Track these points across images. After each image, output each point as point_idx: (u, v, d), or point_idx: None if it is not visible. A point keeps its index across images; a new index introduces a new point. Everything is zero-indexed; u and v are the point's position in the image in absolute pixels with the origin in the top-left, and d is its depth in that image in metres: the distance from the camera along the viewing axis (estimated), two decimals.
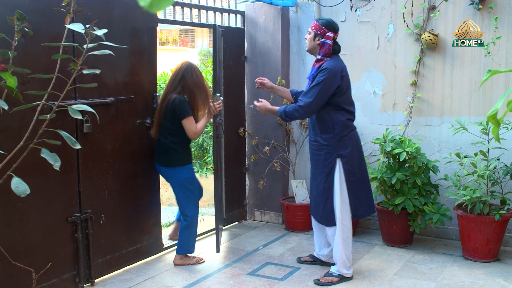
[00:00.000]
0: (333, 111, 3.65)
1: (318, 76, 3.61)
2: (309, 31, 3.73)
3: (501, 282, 3.74)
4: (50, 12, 3.17)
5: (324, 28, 3.65)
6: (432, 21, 4.59)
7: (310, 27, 3.73)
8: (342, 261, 3.73)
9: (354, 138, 3.72)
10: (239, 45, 5.13)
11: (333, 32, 3.67)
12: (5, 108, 2.38)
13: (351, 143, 3.68)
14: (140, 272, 3.94)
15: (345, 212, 3.70)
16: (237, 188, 5.24)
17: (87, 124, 3.56)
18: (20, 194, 2.31)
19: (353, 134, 3.74)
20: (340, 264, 3.74)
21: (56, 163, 2.40)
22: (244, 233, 4.94)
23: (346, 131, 3.67)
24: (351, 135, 3.70)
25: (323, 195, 3.72)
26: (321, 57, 3.67)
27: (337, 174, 3.66)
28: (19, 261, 2.98)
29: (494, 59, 4.33)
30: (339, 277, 3.74)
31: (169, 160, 3.94)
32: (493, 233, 4.06)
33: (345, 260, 3.73)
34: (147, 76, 4.06)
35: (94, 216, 3.68)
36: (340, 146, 3.66)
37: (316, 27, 3.67)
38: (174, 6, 4.48)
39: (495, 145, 4.16)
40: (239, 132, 5.17)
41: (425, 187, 4.41)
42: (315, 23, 3.71)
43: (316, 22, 3.71)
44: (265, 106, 3.84)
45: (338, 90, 3.61)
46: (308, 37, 3.74)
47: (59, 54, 2.58)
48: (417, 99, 4.72)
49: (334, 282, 3.71)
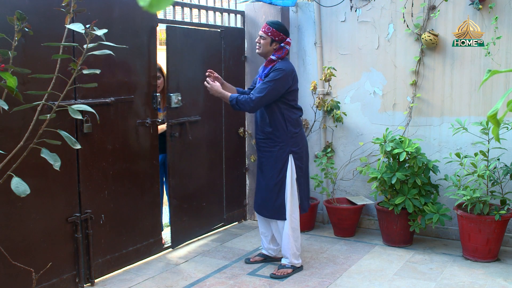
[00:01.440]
0: (285, 109, 3.83)
1: (271, 75, 3.77)
2: (264, 36, 3.81)
3: (501, 282, 3.74)
4: (50, 12, 3.17)
5: (282, 35, 3.82)
6: (432, 21, 4.59)
7: (265, 32, 3.80)
8: (293, 252, 3.91)
9: (303, 136, 3.98)
10: (239, 45, 5.13)
11: (288, 37, 3.87)
12: (5, 108, 2.38)
13: (301, 140, 3.91)
14: (140, 272, 3.94)
15: (295, 206, 3.90)
16: (237, 188, 5.24)
17: (87, 124, 3.56)
18: (20, 194, 2.31)
19: (303, 131, 3.99)
20: (291, 255, 3.91)
21: (56, 163, 2.40)
22: (244, 233, 4.94)
23: (297, 128, 3.88)
24: (301, 133, 3.94)
25: (274, 189, 3.87)
26: (275, 58, 3.82)
27: (289, 169, 3.84)
28: (19, 261, 2.98)
29: (494, 59, 4.33)
30: (292, 268, 3.93)
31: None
32: (493, 233, 4.06)
33: (295, 252, 3.92)
34: (147, 76, 4.06)
35: (94, 216, 3.68)
36: (292, 143, 3.85)
37: (274, 33, 3.80)
38: (174, 6, 4.48)
39: (495, 145, 4.16)
40: (239, 132, 5.17)
41: (425, 187, 4.41)
42: (271, 29, 3.80)
43: (272, 27, 3.80)
44: (217, 88, 3.86)
45: (289, 89, 3.80)
46: (262, 42, 3.82)
47: (59, 54, 2.57)
48: (417, 99, 4.72)
49: (289, 274, 3.89)
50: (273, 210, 3.90)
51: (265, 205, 3.93)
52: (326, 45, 5.08)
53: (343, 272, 3.95)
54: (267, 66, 3.85)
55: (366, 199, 4.93)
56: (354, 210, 4.80)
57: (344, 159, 5.08)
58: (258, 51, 3.88)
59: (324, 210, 5.18)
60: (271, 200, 3.89)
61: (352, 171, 5.05)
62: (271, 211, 3.92)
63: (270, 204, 3.90)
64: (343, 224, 4.80)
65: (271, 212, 3.92)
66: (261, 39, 3.83)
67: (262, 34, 3.82)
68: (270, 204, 3.90)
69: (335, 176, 5.00)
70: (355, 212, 4.81)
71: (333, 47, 5.05)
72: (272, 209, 3.90)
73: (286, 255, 3.93)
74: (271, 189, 3.88)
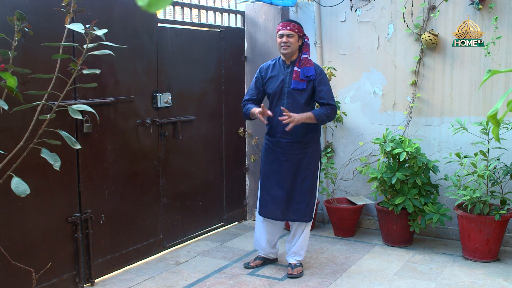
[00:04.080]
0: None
1: (325, 79, 3.79)
2: (292, 34, 3.68)
3: (501, 282, 3.74)
4: (50, 12, 3.17)
5: (303, 30, 3.79)
6: (432, 21, 4.59)
7: (291, 30, 3.68)
8: (304, 251, 3.97)
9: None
10: (239, 45, 5.13)
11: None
12: (5, 108, 2.38)
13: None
14: (140, 272, 3.94)
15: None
16: (237, 188, 5.24)
17: (87, 124, 3.56)
18: (20, 194, 2.31)
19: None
20: (303, 255, 3.96)
21: (56, 163, 2.40)
22: (244, 233, 4.94)
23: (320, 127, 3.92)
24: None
25: (307, 192, 3.81)
26: (308, 56, 3.76)
27: (318, 170, 3.92)
28: (19, 261, 2.98)
29: (494, 59, 4.33)
30: (301, 265, 3.97)
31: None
32: (493, 233, 4.06)
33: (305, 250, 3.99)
34: (147, 76, 4.06)
35: (94, 216, 3.68)
36: (319, 142, 3.93)
37: (299, 29, 3.75)
38: (174, 6, 4.48)
39: (495, 145, 4.16)
40: (239, 132, 5.17)
41: (425, 187, 4.41)
42: (296, 25, 3.73)
43: (295, 23, 3.74)
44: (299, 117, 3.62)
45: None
46: (291, 40, 3.68)
47: (59, 54, 2.58)
48: (417, 99, 4.72)
49: (302, 271, 3.91)
50: (305, 212, 3.78)
51: (295, 209, 3.78)
52: (326, 45, 5.08)
53: (343, 272, 3.95)
54: (306, 65, 3.70)
55: (366, 199, 4.93)
56: (354, 210, 4.80)
57: (344, 159, 5.08)
58: (285, 51, 3.70)
59: (324, 210, 5.18)
60: (303, 203, 3.77)
61: (352, 171, 5.05)
62: (302, 214, 3.79)
63: (302, 207, 3.77)
64: (343, 224, 4.80)
65: (301, 215, 3.79)
66: (289, 37, 3.67)
67: (290, 33, 3.67)
68: (303, 207, 3.77)
69: (335, 176, 5.00)
70: (355, 212, 4.81)
71: (333, 47, 5.05)
72: (304, 211, 3.78)
73: (300, 253, 3.91)
74: (305, 192, 3.77)
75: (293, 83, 3.71)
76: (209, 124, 4.78)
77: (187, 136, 4.50)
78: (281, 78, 3.78)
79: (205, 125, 4.73)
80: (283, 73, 3.78)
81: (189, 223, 4.62)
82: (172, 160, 4.35)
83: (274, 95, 3.79)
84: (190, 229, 4.65)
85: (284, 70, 3.79)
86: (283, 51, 3.72)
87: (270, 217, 3.88)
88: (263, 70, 3.90)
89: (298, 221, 3.84)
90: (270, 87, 3.82)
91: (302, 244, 3.91)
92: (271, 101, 3.84)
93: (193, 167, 4.61)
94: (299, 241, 3.89)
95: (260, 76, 3.89)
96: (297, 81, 3.70)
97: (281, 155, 3.80)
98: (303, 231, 3.88)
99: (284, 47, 3.70)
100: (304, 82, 3.71)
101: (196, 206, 4.69)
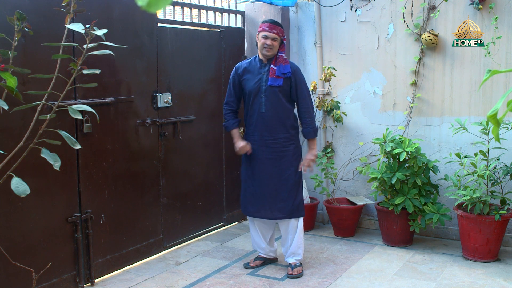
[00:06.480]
0: (292, 106, 3.91)
1: (302, 77, 3.84)
2: (276, 38, 3.72)
3: (501, 282, 3.74)
4: (50, 12, 3.17)
5: (283, 30, 3.79)
6: (432, 21, 4.59)
7: (277, 34, 3.71)
8: (303, 249, 3.94)
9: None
10: (239, 45, 5.13)
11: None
12: (5, 108, 2.38)
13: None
14: (140, 272, 3.94)
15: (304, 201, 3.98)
16: (237, 188, 5.22)
17: (87, 124, 3.56)
18: (20, 194, 2.31)
19: None
20: (302, 253, 3.94)
21: (56, 163, 2.40)
22: (244, 233, 4.94)
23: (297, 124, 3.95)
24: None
25: (294, 188, 3.82)
26: (284, 55, 3.79)
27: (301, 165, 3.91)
28: (19, 261, 2.98)
29: (494, 59, 4.33)
30: (301, 265, 3.95)
31: None
32: (493, 233, 4.06)
33: (303, 248, 3.96)
34: (147, 76, 4.06)
35: (94, 216, 3.68)
36: (298, 139, 3.93)
37: (282, 32, 3.77)
38: (174, 6, 4.48)
39: (495, 145, 4.16)
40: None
41: (425, 187, 4.41)
42: (280, 28, 3.75)
43: (278, 26, 3.75)
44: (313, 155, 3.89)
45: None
46: (275, 43, 3.73)
47: (59, 54, 2.58)
48: (417, 99, 4.72)
49: (302, 271, 3.91)
50: (292, 209, 3.81)
51: (282, 206, 3.80)
52: (326, 45, 5.08)
53: (343, 272, 3.95)
54: (281, 63, 3.75)
55: (366, 199, 4.93)
56: (354, 210, 4.80)
57: (344, 159, 5.08)
58: (268, 53, 3.73)
59: (324, 210, 5.18)
60: (290, 199, 3.80)
61: (352, 171, 5.05)
62: (290, 211, 3.81)
63: (289, 204, 3.80)
64: (343, 224, 4.80)
65: (289, 212, 3.81)
66: (273, 41, 3.72)
67: (276, 37, 3.72)
68: (290, 204, 3.80)
69: (335, 176, 5.00)
70: (355, 212, 4.81)
71: (333, 47, 5.05)
72: (291, 208, 3.81)
73: (298, 252, 3.90)
74: (291, 188, 3.80)
75: (270, 80, 3.75)
76: (209, 124, 4.78)
77: (187, 136, 4.50)
78: (258, 77, 3.81)
79: (205, 125, 4.73)
80: (260, 72, 3.81)
81: (189, 223, 4.62)
82: (172, 160, 4.36)
83: (251, 94, 3.82)
84: (190, 229, 4.65)
85: (261, 69, 3.82)
86: (266, 52, 3.75)
87: (257, 216, 3.90)
88: (239, 69, 3.93)
89: (285, 218, 3.84)
90: (247, 85, 3.85)
91: (298, 242, 3.89)
92: (247, 99, 3.86)
93: (193, 167, 4.61)
94: (295, 240, 3.88)
95: (236, 75, 3.92)
96: (274, 78, 3.75)
97: (262, 153, 3.83)
98: (296, 228, 3.87)
99: (267, 49, 3.74)
100: (280, 79, 3.75)
101: (196, 206, 4.69)
